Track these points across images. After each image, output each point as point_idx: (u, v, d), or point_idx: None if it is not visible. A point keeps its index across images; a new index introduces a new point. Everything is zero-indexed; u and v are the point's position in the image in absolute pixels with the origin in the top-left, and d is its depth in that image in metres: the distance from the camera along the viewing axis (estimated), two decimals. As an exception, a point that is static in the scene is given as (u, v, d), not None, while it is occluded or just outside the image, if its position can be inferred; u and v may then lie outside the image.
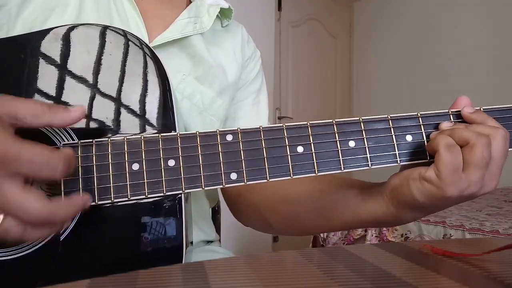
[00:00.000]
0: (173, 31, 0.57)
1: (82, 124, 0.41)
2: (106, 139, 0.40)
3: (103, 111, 0.42)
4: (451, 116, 0.43)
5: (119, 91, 0.43)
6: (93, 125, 0.42)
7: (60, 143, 0.40)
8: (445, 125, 0.42)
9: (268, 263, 0.35)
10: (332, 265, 0.33)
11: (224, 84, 0.62)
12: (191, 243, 0.49)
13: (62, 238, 0.39)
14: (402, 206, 0.42)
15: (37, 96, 0.41)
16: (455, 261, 0.34)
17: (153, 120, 0.43)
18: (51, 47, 0.43)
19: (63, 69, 0.43)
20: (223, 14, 0.64)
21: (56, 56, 0.43)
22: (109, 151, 0.39)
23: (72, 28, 0.44)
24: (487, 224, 1.38)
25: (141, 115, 0.43)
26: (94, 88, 0.42)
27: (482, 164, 0.38)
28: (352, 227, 0.49)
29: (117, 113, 0.42)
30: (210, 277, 0.29)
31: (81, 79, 0.43)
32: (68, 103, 0.42)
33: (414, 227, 1.46)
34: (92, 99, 0.42)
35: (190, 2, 0.63)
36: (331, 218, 0.49)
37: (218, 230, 0.75)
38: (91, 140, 0.39)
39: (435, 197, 0.39)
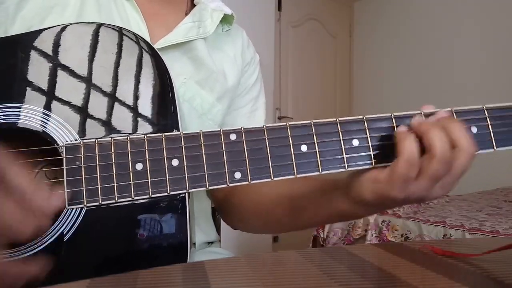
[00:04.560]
0: (177, 35, 0.57)
1: (80, 120, 0.41)
2: (109, 138, 0.40)
3: (96, 106, 0.42)
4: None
5: (115, 86, 0.43)
6: (88, 121, 0.42)
7: (63, 143, 0.40)
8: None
9: (268, 263, 0.36)
10: (332, 265, 0.33)
11: (224, 89, 0.62)
12: (194, 244, 0.49)
13: (66, 238, 0.39)
14: (356, 202, 0.43)
15: (29, 91, 0.41)
16: (455, 261, 0.34)
17: (148, 114, 0.43)
18: (44, 44, 0.43)
19: (56, 63, 0.43)
20: (225, 19, 0.64)
21: (49, 51, 0.43)
22: (112, 150, 0.39)
23: (66, 26, 0.44)
24: (487, 224, 1.38)
25: (135, 108, 0.43)
26: (88, 82, 0.42)
27: (435, 177, 0.38)
28: (319, 222, 0.52)
29: (111, 108, 0.42)
30: (210, 277, 0.30)
31: (74, 73, 0.42)
32: (60, 97, 0.42)
33: (414, 227, 1.46)
34: (86, 94, 0.42)
35: (193, 5, 0.64)
36: (302, 211, 0.51)
37: (218, 230, 0.75)
38: (93, 139, 0.40)
39: (383, 196, 0.40)
